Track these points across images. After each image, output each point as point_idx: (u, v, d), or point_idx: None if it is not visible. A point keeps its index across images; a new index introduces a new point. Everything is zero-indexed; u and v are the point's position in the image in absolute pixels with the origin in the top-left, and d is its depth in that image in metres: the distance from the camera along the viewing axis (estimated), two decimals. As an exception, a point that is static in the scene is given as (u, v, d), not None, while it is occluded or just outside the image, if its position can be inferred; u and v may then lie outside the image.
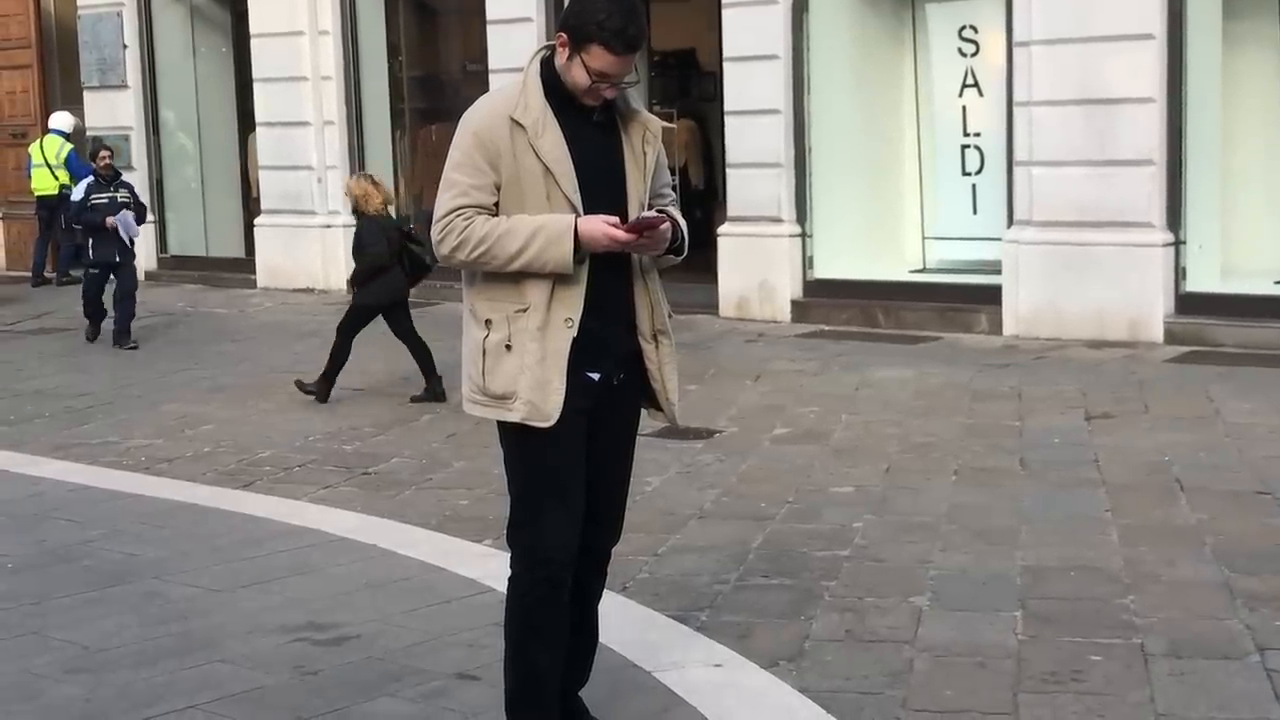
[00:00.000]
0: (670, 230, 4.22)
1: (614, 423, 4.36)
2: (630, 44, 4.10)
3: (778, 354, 11.56)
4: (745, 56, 13.11)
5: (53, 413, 10.51)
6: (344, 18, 16.14)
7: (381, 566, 6.43)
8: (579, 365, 4.18)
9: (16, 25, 18.76)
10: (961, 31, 12.81)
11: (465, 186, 4.17)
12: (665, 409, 4.44)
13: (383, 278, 10.63)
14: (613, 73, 4.14)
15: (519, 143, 4.14)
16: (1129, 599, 5.78)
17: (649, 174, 4.30)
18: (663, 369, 4.37)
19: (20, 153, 18.76)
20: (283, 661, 5.36)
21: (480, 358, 4.22)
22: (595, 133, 4.25)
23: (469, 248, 4.15)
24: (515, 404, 4.15)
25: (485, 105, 4.29)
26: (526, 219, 4.12)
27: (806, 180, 13.05)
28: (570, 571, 4.29)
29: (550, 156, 4.14)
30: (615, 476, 4.46)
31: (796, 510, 7.24)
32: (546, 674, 4.31)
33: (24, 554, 6.90)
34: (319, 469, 8.54)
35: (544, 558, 4.24)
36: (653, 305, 4.33)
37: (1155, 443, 8.29)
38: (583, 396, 4.21)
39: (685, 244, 4.35)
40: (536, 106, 4.17)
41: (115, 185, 13.54)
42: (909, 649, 5.33)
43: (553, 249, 4.08)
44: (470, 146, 4.19)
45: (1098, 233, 11.49)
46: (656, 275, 4.38)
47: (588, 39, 4.10)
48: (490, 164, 4.16)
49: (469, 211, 4.16)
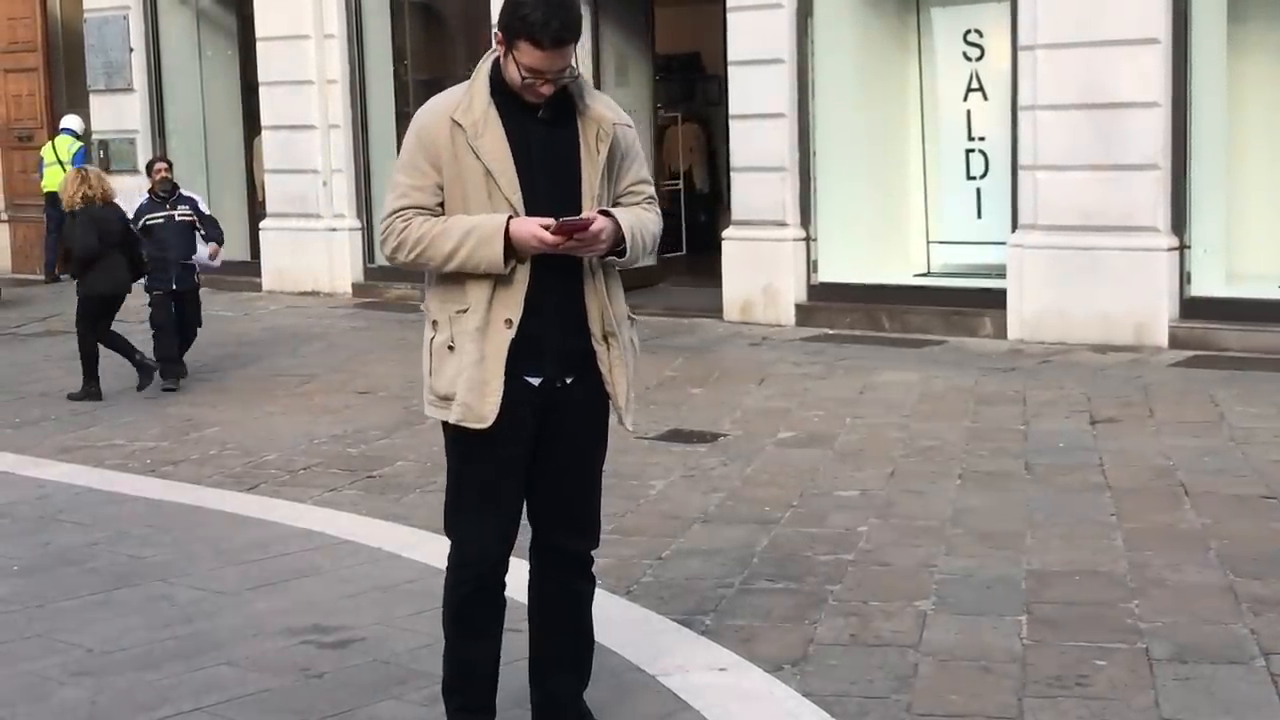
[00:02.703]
0: (609, 230, 4.16)
1: (569, 426, 4.31)
2: (557, 39, 4.07)
3: (782, 357, 11.56)
4: (750, 60, 13.11)
5: (58, 415, 10.52)
6: (350, 22, 16.16)
7: (387, 569, 6.44)
8: (518, 368, 4.17)
9: (23, 29, 18.80)
10: (966, 35, 12.81)
11: (406, 188, 4.21)
12: (618, 413, 4.38)
13: (99, 269, 11.06)
14: (543, 68, 4.10)
15: (459, 143, 4.16)
16: (1134, 603, 5.78)
17: (604, 171, 4.25)
18: (613, 371, 4.32)
19: (27, 155, 18.79)
20: (288, 664, 5.37)
21: (429, 358, 4.27)
22: (545, 131, 4.22)
23: (407, 248, 4.19)
24: (454, 405, 4.18)
25: (430, 106, 4.31)
26: (462, 219, 4.14)
27: (811, 184, 13.05)
28: (503, 571, 4.34)
29: (489, 156, 4.14)
30: (578, 480, 4.40)
31: (801, 514, 7.24)
32: (477, 664, 4.40)
33: (30, 556, 6.91)
34: (324, 472, 8.55)
35: (474, 557, 4.31)
36: (603, 306, 4.27)
37: (1160, 447, 8.29)
38: (523, 400, 4.19)
39: (638, 246, 4.26)
40: (479, 106, 4.17)
41: (173, 202, 11.66)
42: (914, 653, 5.33)
43: (484, 249, 4.09)
44: (413, 147, 4.23)
45: (1102, 237, 11.48)
46: (612, 275, 4.32)
47: (516, 35, 4.09)
48: (432, 164, 4.18)
49: (409, 213, 4.19)
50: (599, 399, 4.35)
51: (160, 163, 12.02)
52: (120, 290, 11.20)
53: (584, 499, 4.43)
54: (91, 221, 11.03)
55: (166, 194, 11.65)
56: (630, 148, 4.36)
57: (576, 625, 4.48)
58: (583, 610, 4.49)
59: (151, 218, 11.49)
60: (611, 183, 4.30)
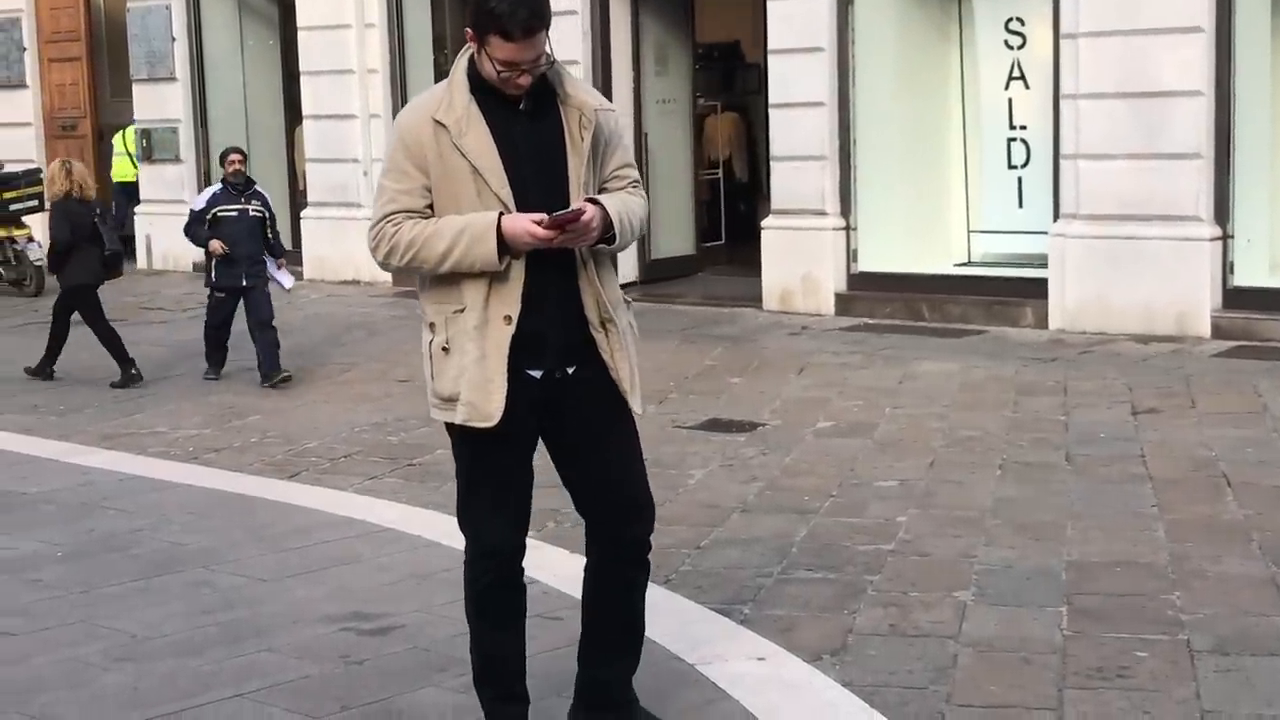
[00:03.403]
0: (599, 218, 4.14)
1: (581, 415, 4.30)
2: (525, 28, 4.05)
3: (821, 347, 11.54)
4: (790, 49, 13.08)
5: (101, 403, 10.60)
6: (390, 11, 16.19)
7: (426, 557, 6.46)
8: (518, 364, 4.17)
9: (67, 18, 18.91)
10: (1008, 24, 12.74)
11: (393, 192, 4.20)
12: (624, 396, 4.34)
13: (75, 261, 11.24)
14: (516, 59, 4.09)
15: (443, 142, 4.14)
16: (1175, 595, 5.75)
17: (590, 158, 4.23)
18: (614, 357, 4.30)
19: (70, 144, 18.91)
20: (328, 651, 5.40)
21: (429, 361, 4.27)
22: (528, 123, 4.20)
23: (399, 253, 4.18)
24: (458, 405, 4.17)
25: (411, 108, 4.30)
26: (453, 220, 4.12)
27: (851, 173, 13.01)
28: (521, 559, 4.35)
29: (474, 153, 4.13)
30: (610, 466, 4.37)
31: (840, 504, 7.23)
32: (505, 654, 4.41)
33: (73, 543, 6.97)
34: (365, 460, 8.58)
35: (491, 549, 4.32)
36: (597, 294, 4.26)
37: (1202, 438, 8.24)
38: (525, 395, 4.19)
39: (626, 231, 4.24)
40: (460, 104, 4.16)
41: (248, 195, 11.20)
42: (953, 644, 5.32)
43: (477, 248, 4.08)
44: (397, 151, 4.22)
45: (1145, 226, 11.42)
46: (604, 262, 4.31)
47: (485, 30, 4.08)
48: (417, 167, 4.17)
49: (398, 217, 4.18)
50: (605, 382, 4.31)
51: (235, 153, 11.41)
52: (91, 281, 11.39)
53: (633, 483, 4.40)
54: (65, 215, 11.28)
55: (240, 187, 11.19)
56: (613, 133, 4.35)
57: (629, 613, 4.48)
58: (635, 599, 4.48)
59: (224, 210, 11.03)
60: (597, 169, 4.28)
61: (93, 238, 11.32)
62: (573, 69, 13.82)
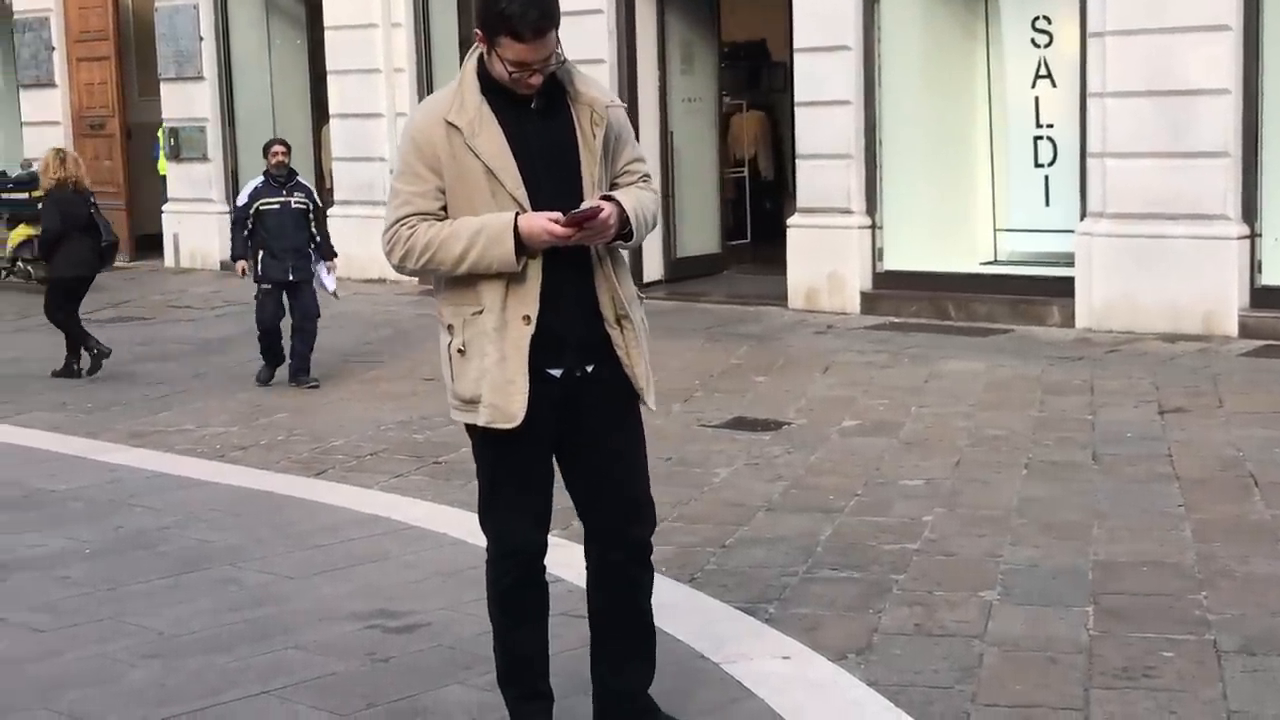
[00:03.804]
0: (616, 215, 4.15)
1: (597, 412, 4.29)
2: (536, 28, 4.04)
3: (847, 346, 11.53)
4: (816, 47, 13.07)
5: (129, 401, 10.64)
6: (416, 10, 16.24)
7: (452, 555, 6.48)
8: (537, 363, 4.16)
9: (95, 17, 18.98)
10: (1035, 22, 12.72)
11: (407, 195, 4.19)
12: (639, 393, 4.34)
13: (64, 250, 11.35)
14: (528, 59, 4.08)
15: (456, 144, 4.13)
16: (1202, 595, 5.74)
17: (601, 155, 4.23)
18: (630, 354, 4.28)
19: (99, 143, 19.00)
20: (354, 648, 5.42)
21: (448, 363, 4.27)
22: (540, 122, 4.20)
23: (415, 255, 4.18)
24: (480, 408, 4.17)
25: (422, 110, 4.29)
26: (469, 221, 4.12)
27: (877, 171, 13.01)
28: (540, 562, 4.36)
29: (488, 154, 4.13)
30: (624, 465, 4.36)
31: (865, 503, 7.23)
32: (529, 652, 4.41)
33: (101, 540, 7.00)
34: (391, 458, 8.60)
35: (515, 548, 4.32)
36: (613, 291, 4.25)
37: (1229, 437, 8.22)
38: (545, 394, 4.18)
39: (642, 227, 4.25)
40: (472, 105, 4.15)
41: (290, 188, 10.91)
42: (979, 643, 5.31)
43: (494, 249, 4.08)
44: (409, 154, 4.20)
45: (1172, 225, 11.38)
46: (618, 257, 4.31)
47: (496, 31, 4.07)
48: (431, 169, 4.16)
49: (412, 220, 4.17)
50: (621, 382, 4.31)
51: (278, 145, 11.07)
52: (86, 273, 11.49)
53: (634, 483, 4.39)
54: (57, 205, 11.38)
55: (283, 179, 10.89)
56: (623, 129, 4.34)
57: (637, 618, 4.45)
58: (642, 601, 4.46)
59: (266, 203, 10.77)
60: (608, 166, 4.28)
61: (86, 228, 11.46)
62: (598, 68, 14.04)
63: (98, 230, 11.57)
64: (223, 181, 17.96)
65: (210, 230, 17.99)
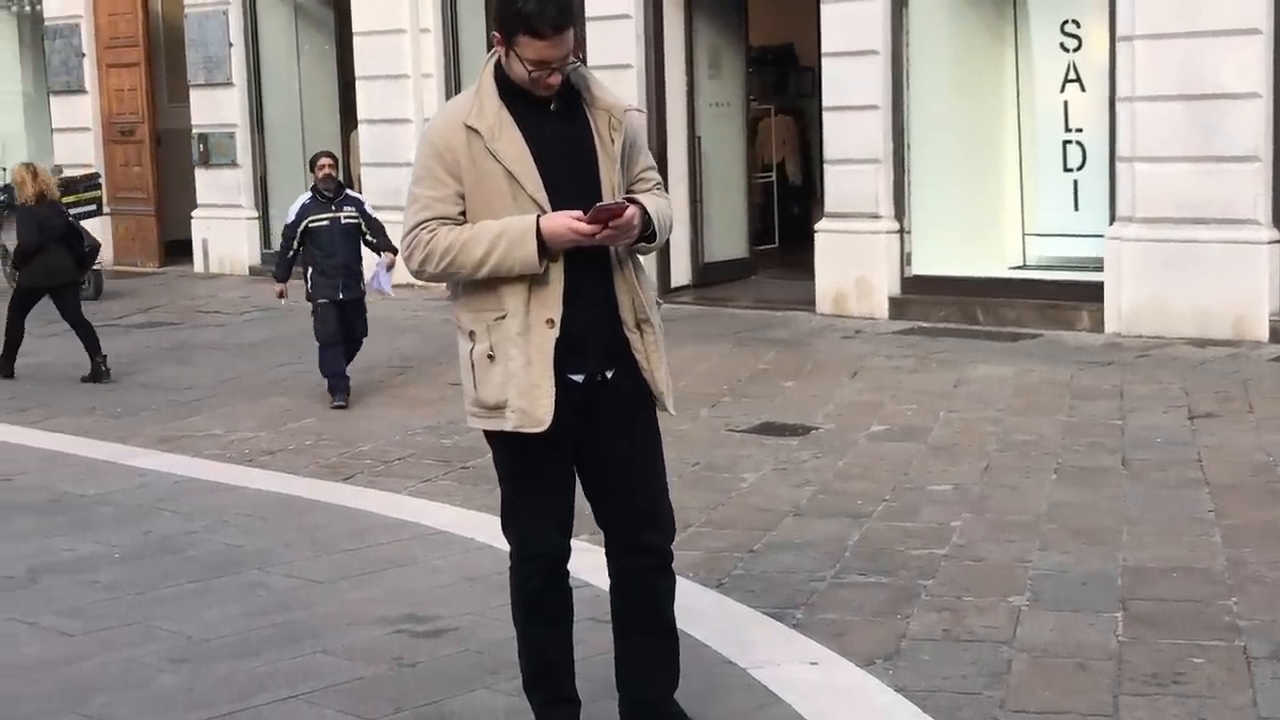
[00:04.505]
0: (639, 216, 4.16)
1: (616, 418, 4.29)
2: (556, 25, 4.05)
3: (875, 350, 11.51)
4: (844, 52, 13.04)
5: (158, 405, 10.68)
6: (445, 15, 16.26)
7: (479, 560, 6.48)
8: (560, 368, 4.16)
9: (125, 24, 19.06)
10: (1064, 26, 12.68)
11: (427, 200, 4.19)
12: (658, 399, 4.35)
13: (39, 261, 11.61)
14: (548, 57, 4.09)
15: (476, 148, 4.14)
16: (1232, 601, 5.71)
17: (619, 160, 4.24)
18: (650, 358, 4.29)
19: (129, 149, 19.08)
20: (382, 653, 5.43)
21: (470, 370, 4.25)
22: (558, 125, 4.21)
23: (435, 259, 4.18)
24: (507, 412, 4.16)
25: (442, 115, 4.32)
26: (490, 224, 4.12)
27: (905, 176, 12.97)
28: (564, 566, 4.36)
29: (509, 157, 4.13)
30: (643, 471, 4.36)
31: (893, 508, 7.21)
32: (554, 657, 4.42)
33: (131, 544, 7.03)
34: (418, 463, 8.62)
35: (538, 552, 4.32)
36: (634, 295, 4.26)
37: (1260, 442, 8.17)
38: (567, 399, 4.17)
39: (663, 231, 4.26)
40: (491, 109, 4.15)
41: (339, 203, 10.58)
42: (1007, 649, 5.29)
43: (517, 251, 4.08)
44: (429, 158, 4.20)
45: (1202, 229, 11.33)
46: (637, 262, 4.32)
47: (514, 30, 4.08)
48: (450, 173, 4.16)
49: (432, 224, 4.18)
50: (641, 387, 4.31)
51: (325, 158, 10.69)
52: (59, 280, 11.72)
53: (651, 490, 4.39)
54: (33, 217, 11.70)
55: (331, 194, 10.53)
56: (638, 135, 4.36)
57: (659, 625, 4.44)
58: (664, 608, 4.45)
59: (315, 220, 10.37)
60: (625, 171, 4.28)
61: (62, 238, 11.77)
62: (626, 73, 14.05)
63: (74, 239, 11.92)
64: (251, 187, 18.02)
65: (239, 235, 18.06)
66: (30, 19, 21.34)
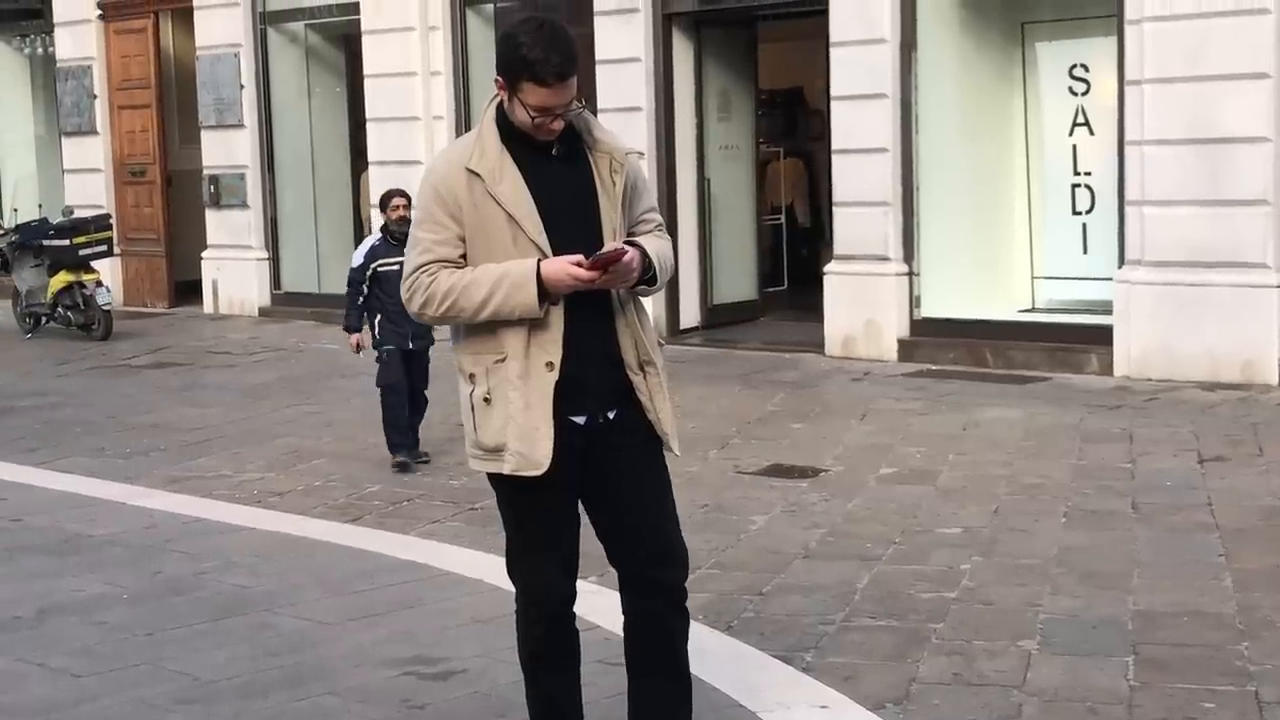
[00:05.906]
0: (639, 259, 4.18)
1: (620, 460, 4.30)
2: (558, 73, 4.08)
3: (884, 393, 11.50)
4: (853, 95, 13.08)
5: (167, 446, 10.68)
6: (455, 59, 16.33)
7: (488, 601, 6.47)
8: (561, 410, 4.17)
9: (137, 66, 19.14)
10: (1072, 70, 12.73)
11: (428, 243, 4.21)
12: (663, 439, 4.35)
13: None
14: (550, 104, 4.12)
15: (477, 191, 4.16)
16: (1243, 645, 5.69)
17: (621, 203, 4.26)
18: (654, 399, 4.31)
19: (140, 190, 19.15)
20: (390, 695, 5.41)
21: (470, 412, 4.27)
22: (560, 169, 4.23)
23: (436, 303, 4.20)
24: (505, 455, 4.18)
25: (443, 158, 4.33)
26: (491, 268, 4.14)
27: (914, 219, 12.99)
28: (570, 609, 4.36)
29: (510, 201, 4.15)
30: (655, 510, 4.36)
31: (903, 551, 7.20)
32: (561, 699, 4.42)
33: (138, 585, 7.02)
34: (427, 504, 8.61)
35: (543, 596, 4.33)
36: (636, 337, 4.28)
37: (1270, 486, 8.15)
38: (569, 441, 4.18)
39: (662, 271, 4.28)
40: (493, 153, 4.18)
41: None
42: (1018, 693, 5.28)
43: (517, 295, 4.09)
44: (430, 202, 4.23)
45: (1211, 273, 11.33)
46: (639, 304, 4.33)
47: (518, 76, 4.11)
48: (451, 217, 4.18)
49: (433, 267, 4.20)
50: (642, 426, 4.32)
51: (398, 197, 9.84)
52: None
53: (663, 528, 4.38)
54: None
55: (403, 237, 9.06)
56: (639, 178, 4.38)
57: (673, 665, 4.43)
58: (678, 648, 4.44)
59: (385, 264, 9.45)
60: (626, 214, 4.30)
61: None
62: (636, 115, 14.09)
63: None
64: (262, 228, 18.05)
65: (249, 276, 18.09)
66: (43, 61, 21.43)
